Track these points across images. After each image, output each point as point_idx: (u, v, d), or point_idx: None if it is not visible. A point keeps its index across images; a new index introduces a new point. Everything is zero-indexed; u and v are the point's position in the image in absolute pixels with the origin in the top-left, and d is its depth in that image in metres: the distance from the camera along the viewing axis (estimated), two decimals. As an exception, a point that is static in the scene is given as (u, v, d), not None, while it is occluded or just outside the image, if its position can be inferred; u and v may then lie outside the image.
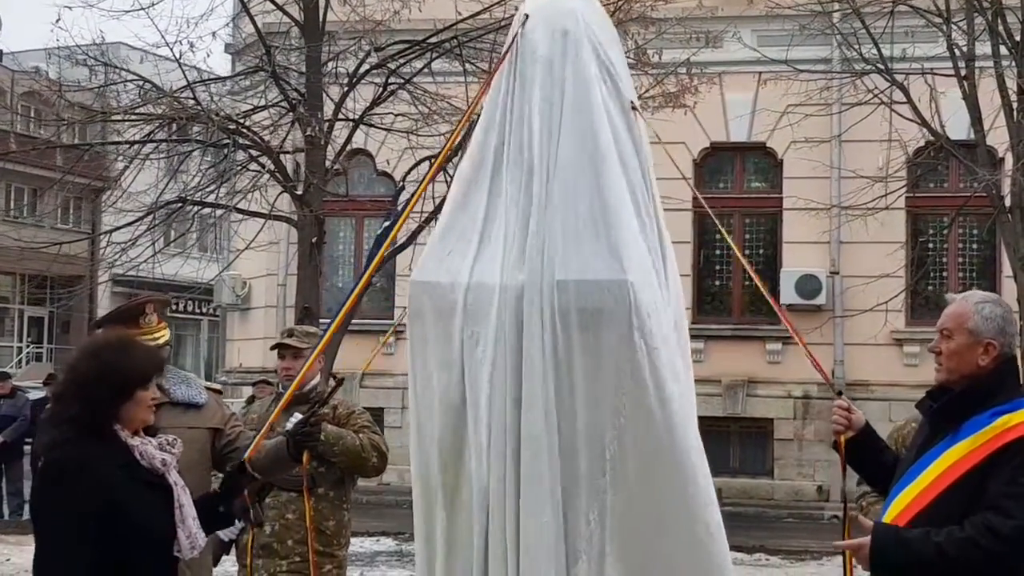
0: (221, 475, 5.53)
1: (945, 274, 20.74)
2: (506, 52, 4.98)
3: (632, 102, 4.92)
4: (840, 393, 18.09)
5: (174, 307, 43.42)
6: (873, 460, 4.90)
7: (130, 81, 15.48)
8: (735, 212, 21.64)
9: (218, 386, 6.33)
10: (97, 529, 4.38)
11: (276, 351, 7.04)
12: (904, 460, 4.76)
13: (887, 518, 4.55)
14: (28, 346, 41.08)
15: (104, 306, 33.80)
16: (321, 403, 6.79)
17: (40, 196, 35.48)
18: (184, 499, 4.65)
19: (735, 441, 21.38)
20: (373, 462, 6.79)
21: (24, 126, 32.71)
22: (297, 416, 6.69)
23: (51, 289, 27.70)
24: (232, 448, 5.75)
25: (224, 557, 6.98)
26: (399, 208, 15.78)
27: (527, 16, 4.92)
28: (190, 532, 4.64)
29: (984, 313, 4.56)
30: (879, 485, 5.03)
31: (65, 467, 4.45)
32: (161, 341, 5.65)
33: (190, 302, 42.48)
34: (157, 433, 4.73)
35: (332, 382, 6.96)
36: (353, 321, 15.26)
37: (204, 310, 42.80)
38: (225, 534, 6.73)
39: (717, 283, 21.29)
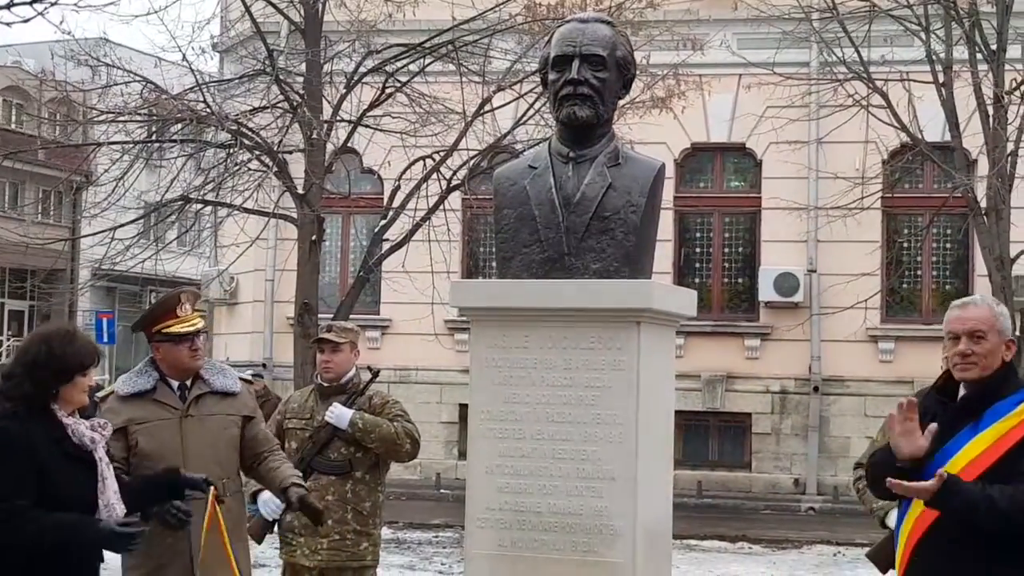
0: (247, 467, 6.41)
1: (919, 273, 21.29)
2: None
3: None
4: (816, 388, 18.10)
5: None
6: None
7: (134, 81, 15.85)
8: (715, 211, 22.15)
9: (249, 377, 6.81)
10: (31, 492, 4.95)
11: (316, 345, 7.52)
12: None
13: (914, 510, 4.93)
14: (9, 339, 41.22)
15: (87, 299, 34.01)
16: (358, 394, 7.32)
17: (24, 191, 35.75)
18: (107, 474, 5.17)
19: (714, 435, 21.88)
20: (407, 448, 7.24)
21: (12, 121, 32.88)
22: (336, 406, 7.20)
23: (32, 282, 27.93)
24: (262, 449, 6.39)
25: (268, 535, 7.40)
26: (394, 207, 16.30)
27: None
28: (108, 503, 5.15)
29: (1004, 314, 5.00)
30: None
31: (10, 437, 4.98)
32: (199, 326, 6.26)
33: (178, 296, 42.71)
34: (91, 416, 5.30)
35: (369, 373, 7.46)
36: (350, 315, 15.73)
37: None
38: (269, 514, 7.19)
39: (697, 280, 21.71)
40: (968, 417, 4.90)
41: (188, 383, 6.24)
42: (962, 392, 5.01)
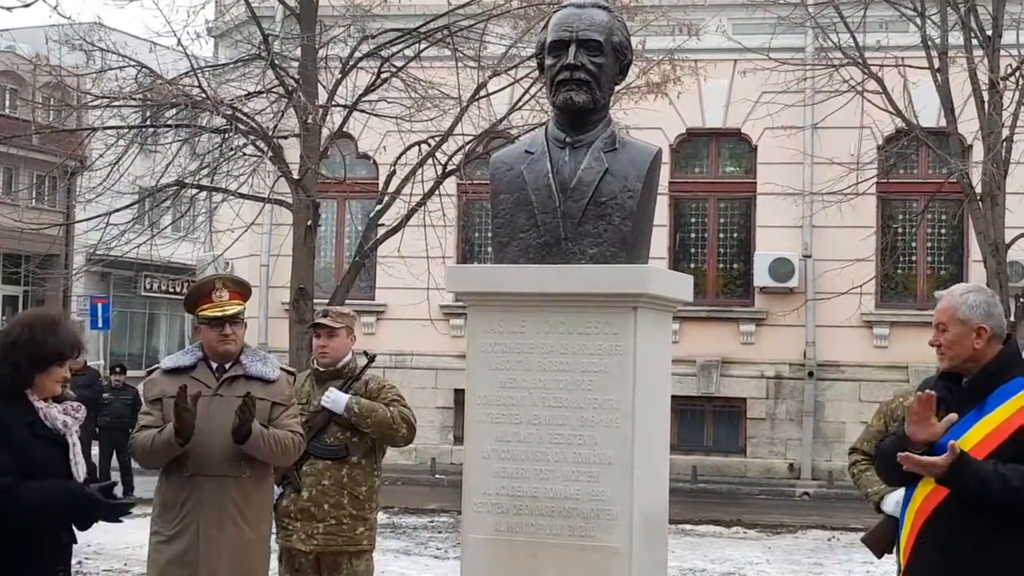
0: None
1: (914, 258, 21.31)
2: None
3: None
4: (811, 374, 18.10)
5: (149, 287, 43.68)
6: None
7: (128, 66, 15.82)
8: (710, 196, 22.15)
9: (292, 369, 6.85)
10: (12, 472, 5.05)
11: (312, 330, 7.53)
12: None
13: (920, 493, 4.97)
14: (2, 324, 41.31)
15: (81, 284, 33.98)
16: (354, 378, 7.33)
17: (18, 176, 35.66)
18: (79, 458, 5.31)
19: (709, 420, 21.92)
20: (403, 433, 7.25)
21: (6, 106, 32.78)
22: (332, 391, 7.20)
23: (26, 268, 27.91)
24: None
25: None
26: (389, 192, 16.29)
27: None
28: None
29: (969, 302, 5.04)
30: None
31: None
32: (229, 312, 6.40)
33: (172, 282, 42.77)
34: (63, 400, 5.38)
35: (365, 358, 7.46)
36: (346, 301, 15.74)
37: (183, 290, 42.86)
38: (265, 499, 7.20)
39: (692, 266, 21.72)
40: (973, 401, 4.96)
41: (227, 366, 6.42)
42: (966, 377, 5.06)
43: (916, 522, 4.98)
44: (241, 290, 6.48)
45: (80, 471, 5.29)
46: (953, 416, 4.84)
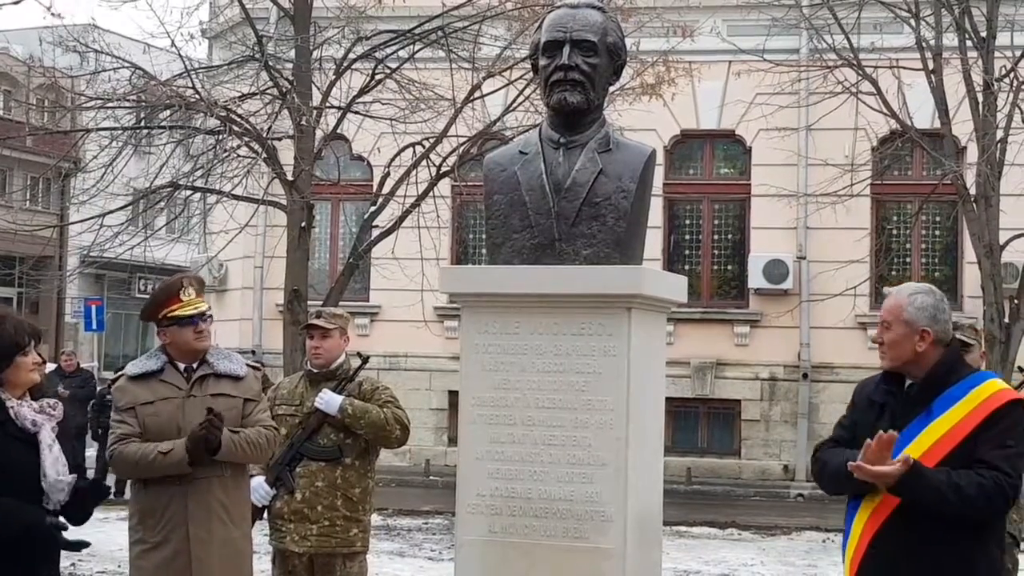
0: None
1: (908, 260, 21.31)
2: None
3: None
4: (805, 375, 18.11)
5: (143, 288, 43.61)
6: None
7: (122, 67, 15.81)
8: (704, 198, 22.15)
9: (257, 363, 6.82)
10: None
11: (306, 331, 7.52)
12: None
13: (868, 505, 4.90)
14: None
15: (75, 286, 33.92)
16: (347, 380, 7.31)
17: (12, 178, 35.63)
18: (48, 458, 5.31)
19: (703, 422, 21.92)
20: (396, 435, 7.23)
21: (0, 108, 32.73)
22: (325, 392, 7.19)
23: (20, 269, 27.89)
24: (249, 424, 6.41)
25: (258, 522, 7.37)
26: (383, 194, 16.28)
27: None
28: (49, 486, 5.30)
29: (916, 304, 4.95)
30: None
31: None
32: (203, 309, 6.37)
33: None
34: (41, 396, 5.42)
35: (359, 359, 7.44)
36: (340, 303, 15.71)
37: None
38: (258, 500, 7.17)
39: (686, 267, 21.71)
40: (918, 407, 4.89)
41: (195, 366, 6.36)
42: (908, 381, 5.00)
43: (865, 535, 4.90)
44: (202, 289, 6.50)
45: (49, 472, 5.28)
46: (909, 457, 4.72)
